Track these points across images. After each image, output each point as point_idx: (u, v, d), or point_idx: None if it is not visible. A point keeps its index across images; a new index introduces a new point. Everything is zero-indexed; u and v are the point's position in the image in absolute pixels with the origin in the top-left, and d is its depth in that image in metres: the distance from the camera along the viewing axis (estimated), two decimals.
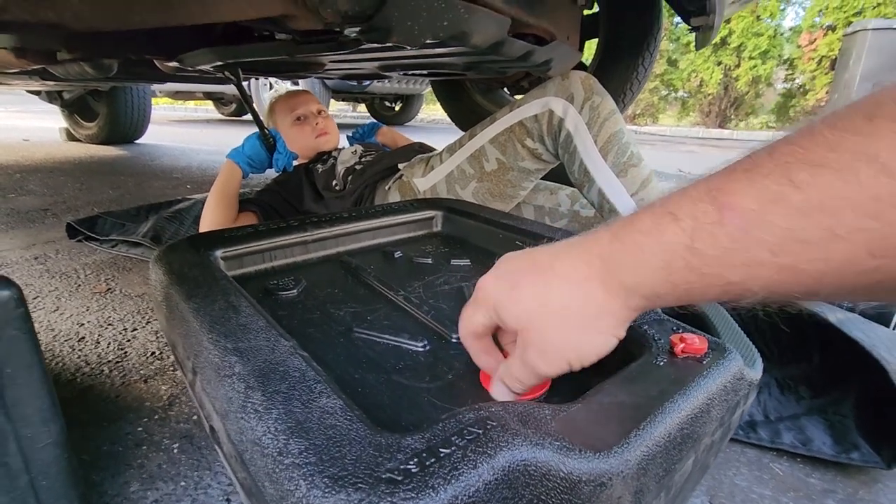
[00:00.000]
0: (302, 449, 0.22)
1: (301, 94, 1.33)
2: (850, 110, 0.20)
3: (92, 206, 1.61)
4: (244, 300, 0.40)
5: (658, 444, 0.27)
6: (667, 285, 0.25)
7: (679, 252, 0.24)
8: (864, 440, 0.55)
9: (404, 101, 5.48)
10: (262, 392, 0.26)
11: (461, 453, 0.22)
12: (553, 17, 1.07)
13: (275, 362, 0.30)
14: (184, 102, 8.16)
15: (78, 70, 1.21)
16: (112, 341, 0.74)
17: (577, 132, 0.85)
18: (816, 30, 5.99)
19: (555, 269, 0.30)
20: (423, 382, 0.38)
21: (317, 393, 0.26)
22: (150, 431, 0.55)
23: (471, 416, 0.25)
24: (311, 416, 0.25)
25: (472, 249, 0.70)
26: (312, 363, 0.30)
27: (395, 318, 0.49)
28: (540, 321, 0.30)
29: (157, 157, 2.80)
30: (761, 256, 0.21)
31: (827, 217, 0.19)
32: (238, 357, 0.30)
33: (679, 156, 3.84)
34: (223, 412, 0.27)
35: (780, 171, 0.21)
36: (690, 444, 0.30)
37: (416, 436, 0.23)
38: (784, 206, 0.20)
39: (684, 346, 0.36)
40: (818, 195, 0.20)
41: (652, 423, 0.27)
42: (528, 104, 0.90)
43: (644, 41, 1.60)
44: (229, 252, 0.59)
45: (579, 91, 0.86)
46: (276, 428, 0.24)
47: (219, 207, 1.04)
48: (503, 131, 0.93)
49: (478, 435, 0.24)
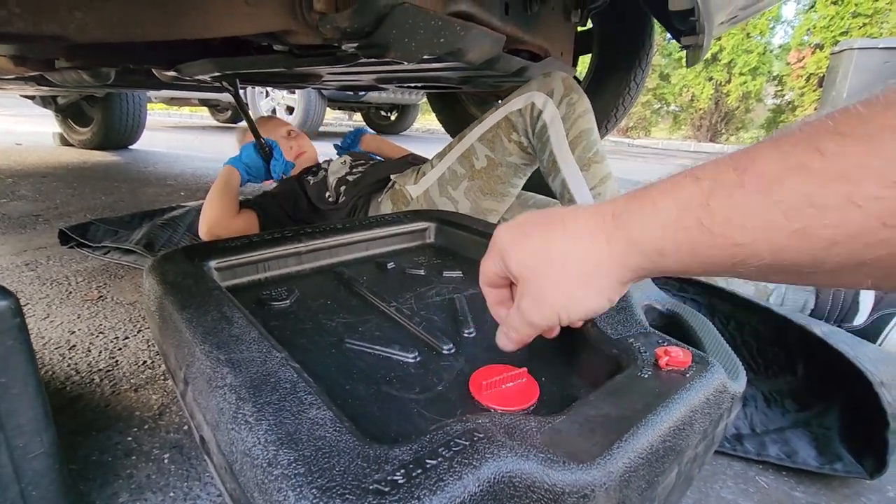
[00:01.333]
0: (291, 460, 0.23)
1: (268, 120, 1.37)
2: (887, 89, 0.21)
3: (84, 213, 1.61)
4: (237, 311, 0.40)
5: (641, 457, 0.27)
6: (672, 242, 0.26)
7: (693, 209, 0.25)
8: (847, 451, 0.56)
9: (400, 111, 5.51)
10: (253, 403, 0.27)
11: (447, 465, 0.23)
12: (547, 33, 1.09)
13: (266, 373, 0.30)
14: (179, 108, 8.15)
15: (75, 77, 1.21)
16: (103, 349, 0.74)
17: (552, 124, 0.89)
18: (805, 48, 6.12)
19: (565, 223, 0.31)
20: (413, 394, 0.38)
21: (307, 404, 0.27)
22: (139, 441, 0.55)
23: (458, 427, 0.26)
24: (300, 427, 0.25)
25: (464, 261, 0.71)
26: (303, 374, 0.31)
27: (387, 329, 0.50)
28: (539, 270, 0.31)
29: (152, 164, 2.80)
30: (775, 219, 0.22)
31: (847, 184, 0.20)
32: (230, 368, 0.31)
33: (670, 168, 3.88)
34: (214, 423, 0.28)
35: (807, 141, 0.21)
36: (673, 457, 0.31)
37: (403, 447, 0.24)
38: (806, 172, 0.21)
39: (668, 360, 0.36)
40: (842, 163, 0.20)
41: (635, 436, 0.28)
42: (513, 101, 0.94)
43: (636, 58, 1.64)
44: (224, 262, 0.60)
45: (559, 87, 0.90)
46: (266, 439, 0.24)
47: (221, 202, 1.06)
48: (491, 128, 0.96)
49: (464, 447, 0.24)
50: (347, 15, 0.57)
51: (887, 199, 0.19)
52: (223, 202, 1.06)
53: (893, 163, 0.19)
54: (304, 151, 1.32)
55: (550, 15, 1.07)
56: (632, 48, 1.62)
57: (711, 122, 6.97)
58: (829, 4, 5.73)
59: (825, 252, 0.21)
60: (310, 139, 1.41)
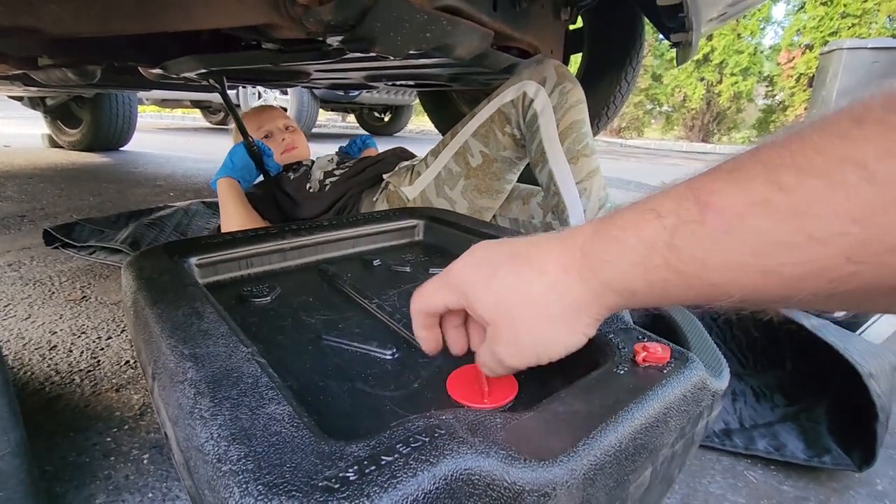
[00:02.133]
0: (241, 455, 0.22)
1: (267, 109, 1.34)
2: (839, 114, 0.20)
3: (71, 213, 1.59)
4: (209, 306, 0.39)
5: (608, 454, 0.26)
6: (643, 282, 0.25)
7: (658, 248, 0.24)
8: (835, 444, 0.56)
9: (393, 112, 5.50)
10: (211, 398, 0.26)
11: (403, 461, 0.22)
12: (537, 31, 1.09)
13: (229, 368, 0.29)
14: (171, 110, 8.10)
15: (60, 76, 1.20)
16: (85, 350, 0.73)
17: (543, 113, 0.87)
18: (795, 48, 6.17)
19: (533, 261, 0.29)
20: (388, 391, 0.37)
21: (266, 399, 0.26)
22: (118, 441, 0.53)
23: (420, 423, 0.25)
24: (256, 422, 0.24)
25: (451, 258, 0.70)
26: (268, 370, 0.30)
27: (367, 325, 0.49)
28: (514, 313, 0.29)
29: (141, 165, 2.78)
30: (742, 258, 0.21)
31: (810, 221, 0.19)
32: (193, 363, 0.30)
33: (663, 168, 3.90)
34: (174, 418, 0.27)
35: (765, 174, 0.21)
36: (646, 455, 0.30)
37: (360, 443, 0.23)
38: (767, 209, 0.20)
39: (646, 355, 0.36)
40: (803, 199, 0.19)
41: (602, 433, 0.27)
42: (505, 91, 0.92)
43: (627, 56, 1.63)
44: (205, 259, 0.59)
45: (552, 75, 0.88)
46: (218, 434, 0.23)
47: (244, 215, 1.04)
48: (484, 122, 0.94)
49: (423, 443, 0.23)
50: (331, 8, 0.56)
51: (851, 234, 0.19)
52: (245, 213, 1.05)
53: (853, 197, 0.18)
54: (295, 147, 1.29)
55: (540, 12, 1.07)
56: (623, 47, 1.62)
57: (703, 122, 7.01)
58: (819, 5, 5.78)
59: (796, 288, 0.21)
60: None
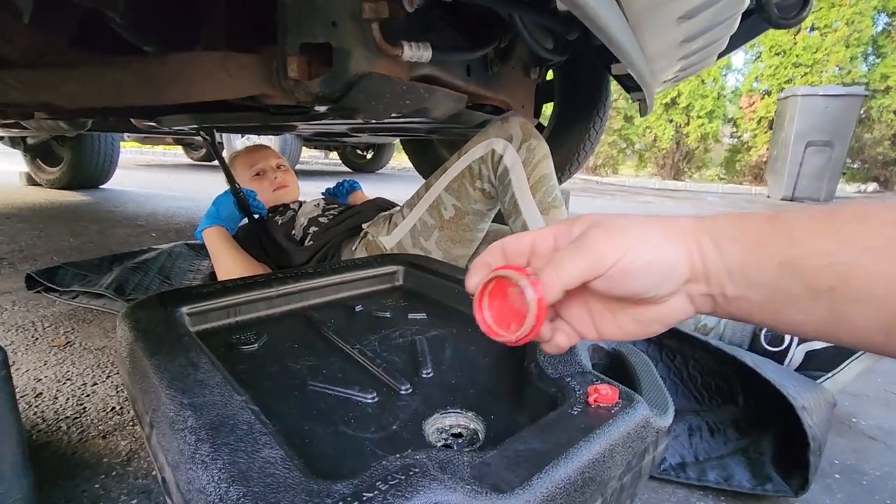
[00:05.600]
0: (240, 496, 0.26)
1: (260, 149, 1.39)
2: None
3: (52, 255, 1.60)
4: (204, 356, 0.43)
5: (559, 487, 0.31)
6: (755, 263, 0.27)
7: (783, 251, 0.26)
8: (776, 473, 0.61)
9: (376, 150, 5.63)
10: (211, 444, 0.30)
11: (382, 497, 0.26)
12: (508, 90, 1.18)
13: (226, 416, 0.33)
14: (152, 146, 8.11)
15: (52, 125, 1.24)
16: (70, 396, 0.74)
17: (513, 168, 0.94)
18: (755, 94, 6.59)
19: (659, 220, 0.31)
20: (369, 433, 0.41)
21: (261, 444, 0.30)
22: (107, 488, 0.55)
23: (397, 463, 0.29)
24: (253, 465, 0.28)
25: (430, 303, 0.75)
26: (261, 417, 0.34)
27: (349, 370, 0.53)
28: (617, 219, 0.31)
29: (122, 204, 2.78)
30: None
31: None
32: (192, 411, 0.34)
33: (636, 205, 4.07)
34: (174, 463, 0.31)
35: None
36: (594, 487, 0.35)
37: (345, 482, 0.28)
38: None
39: (597, 397, 0.41)
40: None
41: (554, 468, 0.31)
42: (474, 149, 0.99)
43: (594, 109, 1.76)
44: (195, 308, 0.62)
45: (517, 133, 0.96)
46: (219, 477, 0.27)
47: (240, 263, 1.08)
48: (455, 177, 1.01)
49: (400, 480, 0.28)
50: (319, 82, 0.63)
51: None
52: (242, 260, 1.09)
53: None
54: (286, 186, 1.33)
55: (511, 73, 1.16)
56: (590, 99, 1.74)
57: (674, 160, 7.34)
58: (774, 55, 6.24)
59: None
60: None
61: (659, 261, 0.29)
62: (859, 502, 0.61)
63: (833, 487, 0.63)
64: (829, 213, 0.26)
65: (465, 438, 0.44)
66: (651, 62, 0.83)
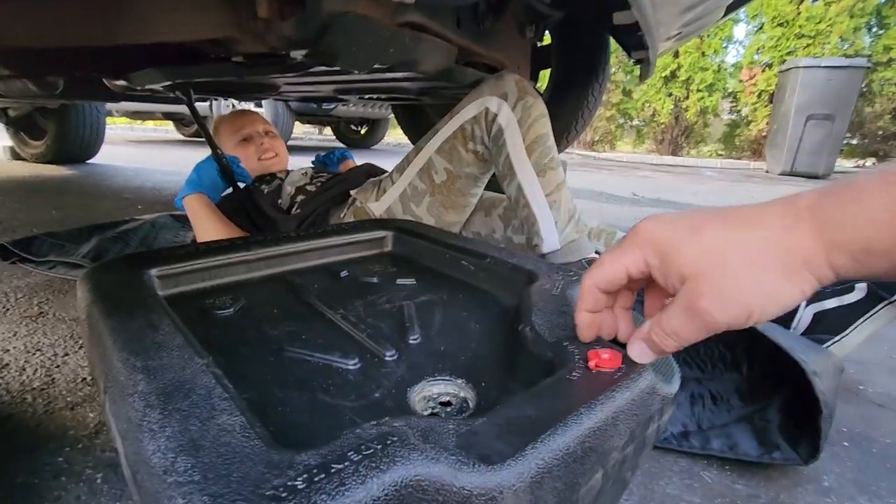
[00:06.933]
0: (188, 467, 0.22)
1: (247, 113, 1.31)
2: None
3: (31, 227, 1.54)
4: (167, 318, 0.39)
5: (556, 458, 0.27)
6: (888, 239, 0.24)
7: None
8: (784, 441, 0.59)
9: (370, 125, 5.52)
10: (161, 410, 0.26)
11: (353, 468, 0.22)
12: (503, 48, 1.12)
13: (182, 380, 0.29)
14: (142, 122, 7.93)
15: (21, 87, 1.17)
16: (39, 367, 0.70)
17: (508, 127, 0.88)
18: (755, 66, 6.46)
19: (747, 219, 0.28)
20: (348, 401, 0.38)
21: (219, 411, 0.26)
22: (71, 461, 0.52)
23: (373, 431, 0.25)
24: (206, 434, 0.24)
25: (419, 269, 0.71)
26: (223, 381, 0.30)
27: (331, 336, 0.49)
28: (725, 263, 0.27)
29: (109, 178, 2.71)
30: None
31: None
32: (144, 375, 0.30)
33: (634, 180, 4.01)
34: (124, 432, 0.27)
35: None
36: (595, 458, 0.31)
37: (311, 452, 0.24)
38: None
39: (598, 362, 0.37)
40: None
41: (551, 437, 0.27)
42: (466, 108, 0.92)
43: (593, 73, 1.69)
44: (166, 271, 0.58)
45: (513, 90, 0.89)
46: (166, 446, 0.23)
47: (222, 228, 1.02)
48: (447, 139, 0.95)
49: (375, 450, 0.24)
50: (291, 24, 0.57)
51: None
52: (223, 226, 1.03)
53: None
54: (273, 153, 1.26)
55: (505, 30, 1.10)
56: (589, 63, 1.67)
57: (672, 136, 7.24)
58: (776, 26, 6.09)
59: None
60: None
61: (784, 309, 0.27)
62: (870, 470, 0.58)
63: (842, 455, 0.61)
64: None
65: (454, 407, 0.40)
66: (656, 9, 0.77)
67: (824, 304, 0.75)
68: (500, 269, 0.61)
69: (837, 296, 0.75)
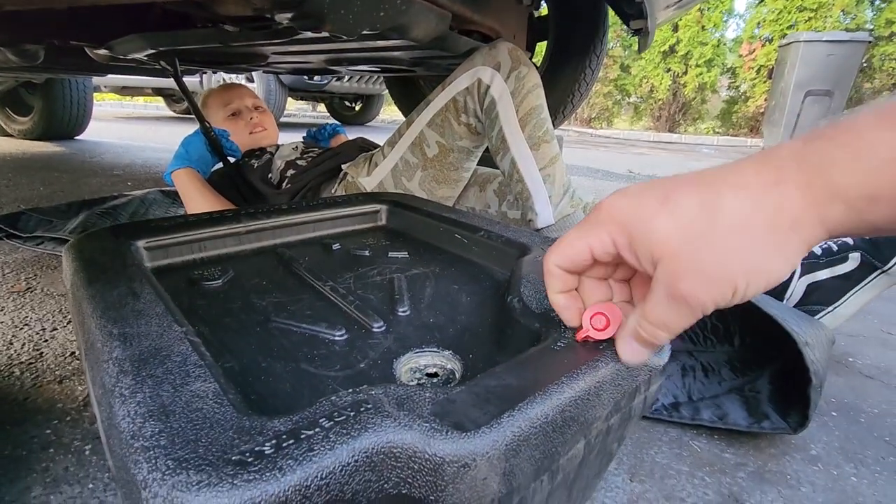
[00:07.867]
0: (155, 432, 0.21)
1: (236, 87, 1.28)
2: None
3: (18, 203, 1.51)
4: (148, 287, 0.38)
5: (532, 426, 0.27)
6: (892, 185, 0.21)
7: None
8: (774, 411, 0.59)
9: (364, 101, 5.42)
10: (134, 376, 0.25)
11: (323, 434, 0.22)
12: (498, 15, 1.08)
13: (159, 347, 0.28)
14: (131, 98, 7.76)
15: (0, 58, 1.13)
16: (27, 342, 0.70)
17: (500, 99, 0.86)
18: (755, 41, 6.35)
19: (720, 181, 0.24)
20: (333, 371, 0.37)
21: (192, 377, 0.26)
22: (59, 433, 0.52)
23: (347, 399, 0.25)
24: (178, 400, 0.24)
25: (412, 242, 0.70)
26: (200, 348, 0.29)
27: (319, 308, 0.48)
28: (703, 238, 0.24)
29: (98, 154, 2.66)
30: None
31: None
32: (120, 342, 0.29)
33: (630, 157, 3.98)
34: (99, 399, 0.26)
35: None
36: (576, 428, 0.30)
37: (283, 418, 0.23)
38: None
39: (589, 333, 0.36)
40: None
41: (528, 405, 0.27)
42: (459, 79, 0.90)
43: (591, 44, 1.65)
44: (154, 242, 0.57)
45: (506, 60, 0.87)
46: (135, 412, 0.23)
47: (211, 201, 1.00)
48: (439, 111, 0.92)
49: (347, 417, 0.23)
50: None
51: None
52: (214, 199, 1.01)
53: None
54: (263, 128, 1.24)
55: None
56: (586, 34, 1.63)
57: (670, 112, 7.16)
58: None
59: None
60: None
61: (771, 284, 0.24)
62: (858, 440, 0.59)
63: (830, 425, 0.61)
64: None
65: (441, 378, 0.40)
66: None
67: (817, 275, 0.75)
68: (493, 242, 0.60)
69: (830, 266, 0.75)
